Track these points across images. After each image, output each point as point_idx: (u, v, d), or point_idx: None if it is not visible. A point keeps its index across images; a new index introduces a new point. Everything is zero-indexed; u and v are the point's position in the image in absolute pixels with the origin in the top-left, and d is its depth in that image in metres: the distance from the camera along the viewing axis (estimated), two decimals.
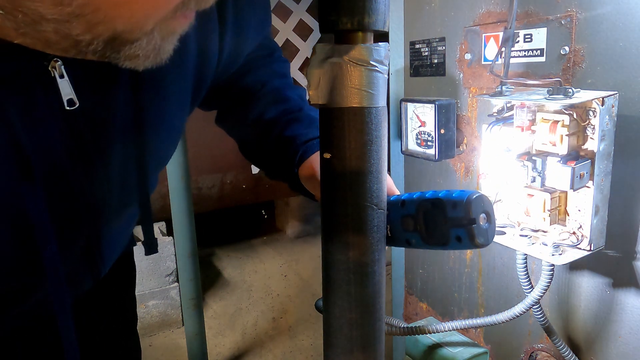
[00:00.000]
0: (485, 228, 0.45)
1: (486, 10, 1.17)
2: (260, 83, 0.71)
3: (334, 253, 0.46)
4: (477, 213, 0.44)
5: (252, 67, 0.72)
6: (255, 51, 0.72)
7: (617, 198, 0.94)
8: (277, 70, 0.74)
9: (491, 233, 0.46)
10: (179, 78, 0.54)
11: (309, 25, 2.77)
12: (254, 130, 0.70)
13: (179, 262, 1.92)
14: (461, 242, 0.45)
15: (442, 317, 1.49)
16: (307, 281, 2.89)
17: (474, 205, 0.44)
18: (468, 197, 0.44)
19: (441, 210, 0.46)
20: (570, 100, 0.83)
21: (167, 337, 2.39)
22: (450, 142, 1.25)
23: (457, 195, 0.45)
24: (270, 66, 0.74)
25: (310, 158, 0.64)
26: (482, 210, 0.45)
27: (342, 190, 0.44)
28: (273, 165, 0.71)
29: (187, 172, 1.83)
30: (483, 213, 0.45)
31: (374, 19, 0.41)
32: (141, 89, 0.49)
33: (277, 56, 0.76)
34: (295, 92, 0.72)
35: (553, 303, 1.12)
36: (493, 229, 0.47)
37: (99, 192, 0.51)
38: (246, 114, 0.70)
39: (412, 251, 1.58)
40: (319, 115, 0.45)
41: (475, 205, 0.45)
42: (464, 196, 0.45)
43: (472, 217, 0.44)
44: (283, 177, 0.70)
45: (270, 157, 0.70)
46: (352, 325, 0.46)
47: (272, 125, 0.68)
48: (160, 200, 2.64)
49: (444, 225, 0.45)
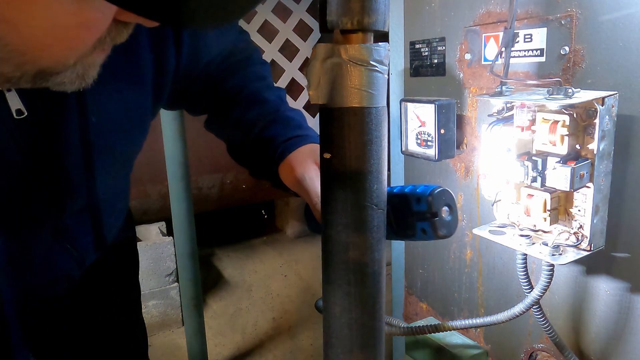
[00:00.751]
0: (448, 220, 0.49)
1: (486, 10, 1.17)
2: (239, 86, 0.76)
3: (334, 253, 0.46)
4: (439, 207, 0.48)
5: (231, 71, 0.77)
6: (233, 56, 0.77)
7: (617, 198, 0.94)
8: (256, 73, 0.78)
9: (453, 224, 0.50)
10: (135, 84, 0.62)
11: (309, 25, 2.77)
12: (236, 132, 0.75)
13: (179, 262, 1.92)
14: (426, 234, 0.49)
15: (442, 317, 1.49)
16: (307, 281, 2.89)
17: (435, 200, 0.48)
18: (430, 192, 0.48)
19: (407, 205, 0.49)
20: (570, 100, 0.83)
21: (167, 337, 2.39)
22: (450, 142, 1.25)
23: (420, 191, 0.49)
24: (249, 69, 0.78)
25: (289, 156, 0.68)
26: (444, 204, 0.49)
27: (342, 190, 0.44)
28: (255, 165, 0.76)
29: (187, 172, 1.83)
30: (445, 206, 0.49)
31: (374, 19, 0.41)
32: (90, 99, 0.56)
33: (255, 59, 0.81)
34: (274, 94, 0.76)
35: (553, 303, 1.12)
36: (455, 220, 0.50)
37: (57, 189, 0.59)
38: (228, 117, 0.75)
39: (412, 251, 1.58)
40: (319, 116, 0.45)
41: (437, 199, 0.48)
42: (427, 191, 0.48)
43: (434, 210, 0.48)
44: (265, 175, 0.74)
45: (252, 157, 0.75)
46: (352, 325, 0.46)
47: (251, 127, 0.73)
48: (160, 200, 2.64)
49: (410, 219, 0.48)
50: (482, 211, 1.27)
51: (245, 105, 0.74)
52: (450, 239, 1.39)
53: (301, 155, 0.68)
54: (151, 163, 2.49)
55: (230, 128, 0.76)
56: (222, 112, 0.77)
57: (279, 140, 0.70)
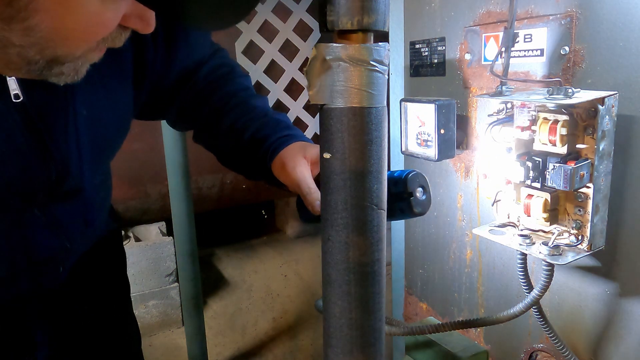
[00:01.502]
0: (422, 199, 0.56)
1: (486, 10, 1.17)
2: (227, 97, 0.83)
3: (334, 253, 0.46)
4: (413, 187, 0.55)
5: (218, 85, 0.84)
6: (219, 69, 0.85)
7: (617, 198, 0.94)
8: (240, 84, 0.86)
9: (427, 203, 0.57)
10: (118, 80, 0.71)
11: (309, 25, 2.77)
12: (227, 139, 0.81)
13: (179, 262, 1.92)
14: (404, 213, 0.56)
15: (442, 317, 1.49)
16: (307, 281, 2.89)
17: (410, 182, 0.55)
18: (405, 175, 0.55)
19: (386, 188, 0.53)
20: (570, 100, 0.83)
21: (167, 337, 2.39)
22: (450, 142, 1.25)
23: (397, 175, 0.56)
24: (234, 82, 0.85)
25: (281, 153, 0.75)
26: (418, 185, 0.56)
27: (342, 190, 0.44)
28: (249, 166, 0.82)
29: (187, 172, 1.83)
30: (419, 187, 0.56)
31: (374, 19, 0.41)
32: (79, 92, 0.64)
33: (238, 72, 0.89)
34: (260, 101, 0.84)
35: (553, 303, 1.12)
36: (429, 200, 0.58)
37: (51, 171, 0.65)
38: (219, 127, 0.82)
39: (412, 251, 1.58)
40: (319, 116, 0.45)
41: (412, 181, 0.55)
42: (403, 174, 0.55)
43: (410, 191, 0.55)
44: (259, 174, 0.81)
45: (245, 159, 0.81)
46: (352, 325, 0.46)
47: (243, 131, 0.79)
48: (160, 200, 2.64)
49: (388, 200, 0.51)
50: (482, 211, 1.27)
51: (235, 113, 0.81)
52: (451, 239, 1.39)
53: (292, 151, 0.74)
54: (151, 163, 2.50)
55: (222, 136, 0.82)
56: (213, 123, 0.83)
57: (271, 140, 0.77)
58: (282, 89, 2.75)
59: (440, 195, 1.41)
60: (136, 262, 2.34)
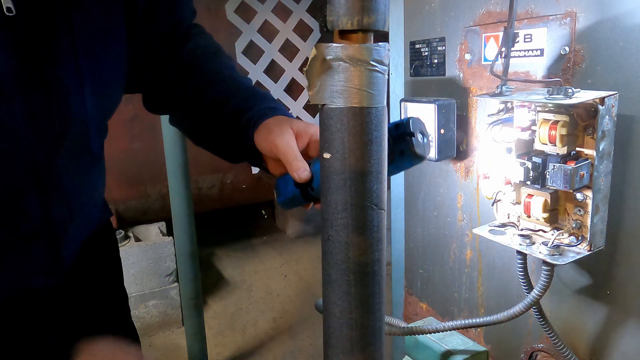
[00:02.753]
0: (423, 143, 0.57)
1: (486, 10, 1.17)
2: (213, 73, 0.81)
3: (334, 253, 0.46)
4: (415, 129, 0.56)
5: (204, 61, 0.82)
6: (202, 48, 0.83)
7: (617, 198, 0.94)
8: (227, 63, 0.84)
9: (427, 147, 0.58)
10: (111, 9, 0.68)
11: (309, 25, 2.77)
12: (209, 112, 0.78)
13: (179, 262, 1.92)
14: (403, 155, 0.56)
15: (442, 317, 1.49)
16: (307, 281, 2.89)
17: (412, 124, 0.56)
18: (407, 119, 0.56)
19: (388, 133, 0.53)
20: (570, 100, 0.83)
21: (167, 337, 2.39)
22: (450, 142, 1.25)
23: (398, 120, 0.57)
24: (220, 60, 0.83)
25: (267, 121, 0.71)
26: (418, 129, 0.56)
27: (342, 190, 0.44)
28: (229, 140, 0.76)
29: (187, 172, 1.83)
30: (420, 132, 0.56)
31: (374, 19, 0.41)
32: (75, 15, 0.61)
33: (223, 53, 0.86)
34: (246, 79, 0.82)
35: (553, 303, 1.12)
36: (428, 145, 0.58)
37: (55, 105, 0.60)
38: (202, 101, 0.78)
39: (412, 251, 1.58)
40: (319, 115, 0.45)
41: (413, 123, 0.56)
42: (404, 119, 0.56)
43: (411, 131, 0.55)
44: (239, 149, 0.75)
45: (227, 131, 0.76)
46: (352, 325, 0.46)
47: (228, 101, 0.76)
48: (160, 200, 2.64)
49: (389, 144, 0.52)
50: (482, 211, 1.27)
51: (221, 86, 0.78)
52: (450, 239, 1.39)
53: (278, 120, 0.71)
54: (151, 163, 2.50)
55: (204, 110, 0.79)
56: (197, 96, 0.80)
57: (257, 108, 0.73)
58: (282, 89, 2.75)
59: (440, 195, 1.41)
60: (136, 262, 2.34)
